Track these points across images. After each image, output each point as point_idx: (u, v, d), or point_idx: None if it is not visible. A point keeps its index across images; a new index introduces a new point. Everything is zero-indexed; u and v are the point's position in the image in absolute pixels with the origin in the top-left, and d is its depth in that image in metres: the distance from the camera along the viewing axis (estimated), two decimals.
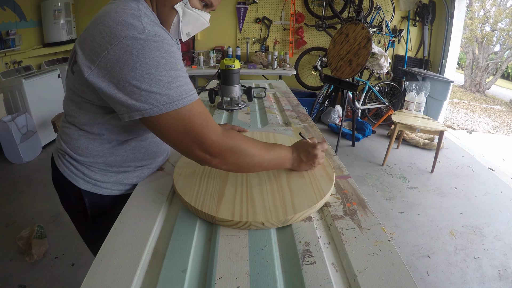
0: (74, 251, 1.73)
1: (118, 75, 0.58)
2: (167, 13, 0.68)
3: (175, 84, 0.59)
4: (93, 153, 0.75)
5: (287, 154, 0.76)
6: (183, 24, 0.70)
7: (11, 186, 2.44)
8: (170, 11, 0.68)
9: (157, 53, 0.58)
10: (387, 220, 2.12)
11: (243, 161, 0.67)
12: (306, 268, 0.53)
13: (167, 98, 0.58)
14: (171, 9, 0.67)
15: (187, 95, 0.61)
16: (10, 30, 3.08)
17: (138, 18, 0.60)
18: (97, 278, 0.51)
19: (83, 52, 0.61)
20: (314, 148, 0.77)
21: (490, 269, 1.72)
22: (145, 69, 0.57)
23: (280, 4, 3.93)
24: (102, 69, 0.59)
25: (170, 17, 0.68)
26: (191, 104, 0.61)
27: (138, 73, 0.57)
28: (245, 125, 1.22)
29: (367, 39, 2.75)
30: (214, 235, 0.62)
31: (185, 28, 0.71)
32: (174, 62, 0.61)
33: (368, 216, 0.66)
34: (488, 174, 2.89)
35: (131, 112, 0.60)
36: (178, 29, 0.70)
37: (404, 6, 3.96)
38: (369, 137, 3.63)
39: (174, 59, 0.61)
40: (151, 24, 0.61)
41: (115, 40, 0.57)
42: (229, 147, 0.64)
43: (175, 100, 0.59)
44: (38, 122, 2.97)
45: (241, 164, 0.67)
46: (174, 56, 0.61)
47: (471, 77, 7.90)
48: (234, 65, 1.33)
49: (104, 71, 0.59)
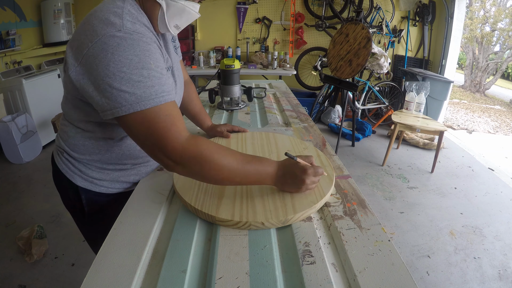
0: (74, 251, 1.73)
1: (94, 72, 0.58)
2: (150, 7, 0.67)
3: (146, 83, 0.58)
4: (89, 150, 0.76)
5: (270, 170, 0.66)
6: (168, 16, 0.68)
7: (11, 186, 2.44)
8: (153, 5, 0.67)
9: (131, 51, 0.58)
10: (387, 220, 2.12)
11: (209, 172, 0.61)
12: (306, 268, 0.53)
13: (135, 97, 0.58)
14: (154, 3, 0.67)
15: (156, 96, 0.59)
16: (10, 30, 3.08)
17: (120, 16, 0.60)
18: (97, 278, 0.51)
19: (71, 51, 0.62)
20: (304, 173, 0.66)
21: (490, 269, 1.72)
22: (118, 67, 0.57)
23: (280, 4, 3.93)
24: (83, 67, 0.60)
25: (155, 11, 0.68)
26: (159, 106, 0.59)
27: (111, 71, 0.57)
28: (245, 125, 1.22)
29: (367, 39, 2.75)
30: (214, 235, 0.62)
31: (172, 21, 0.70)
32: (148, 60, 0.60)
33: (368, 216, 0.66)
34: (488, 174, 2.89)
35: (103, 111, 0.60)
36: (165, 22, 0.69)
37: (404, 6, 3.96)
38: (369, 137, 3.63)
39: (149, 58, 0.60)
40: (132, 21, 0.61)
41: (95, 38, 0.58)
42: (192, 156, 0.60)
43: (142, 101, 0.58)
44: (38, 122, 2.97)
45: (207, 175, 0.62)
46: (149, 55, 0.61)
47: (471, 77, 7.90)
48: (234, 65, 1.33)
49: (84, 69, 0.60)
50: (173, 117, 0.60)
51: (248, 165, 0.64)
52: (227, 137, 1.02)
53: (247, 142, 1.00)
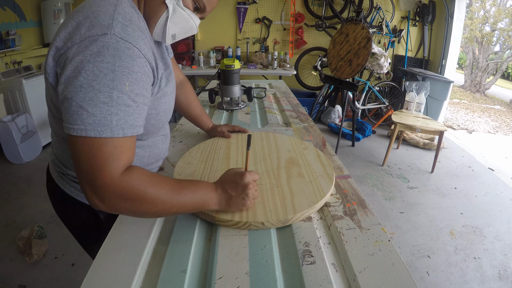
0: (74, 251, 1.73)
1: (64, 76, 0.51)
2: (155, 8, 0.62)
3: (110, 108, 0.50)
4: None
5: (207, 193, 0.60)
6: (171, 22, 0.63)
7: (11, 186, 2.44)
8: (159, 6, 0.61)
9: (109, 64, 0.50)
10: (387, 220, 2.12)
11: (140, 209, 0.53)
12: (306, 268, 0.53)
13: (92, 120, 0.49)
14: (161, 4, 0.61)
15: (116, 126, 0.51)
16: (10, 30, 3.08)
17: (111, 15, 0.53)
18: (97, 278, 0.51)
19: (50, 49, 0.55)
20: (242, 176, 0.62)
21: (490, 269, 1.72)
22: (88, 78, 0.49)
23: (280, 4, 3.93)
24: (59, 67, 0.53)
25: (158, 13, 0.62)
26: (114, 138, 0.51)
27: (80, 80, 0.50)
28: (245, 125, 1.22)
29: (367, 39, 2.75)
30: (214, 235, 0.62)
31: (172, 28, 0.64)
32: (123, 80, 0.51)
33: (368, 216, 0.66)
34: (488, 174, 2.89)
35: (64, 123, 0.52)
36: (164, 28, 0.63)
37: (404, 6, 3.96)
38: (369, 137, 3.63)
39: (125, 77, 0.52)
40: (125, 23, 0.54)
41: (77, 38, 0.52)
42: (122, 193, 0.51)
43: (99, 127, 0.49)
44: (38, 122, 2.97)
45: (137, 211, 0.54)
46: (128, 73, 0.52)
47: (471, 77, 7.90)
48: (234, 65, 1.33)
49: (59, 69, 0.53)
50: (121, 151, 0.52)
51: (184, 193, 0.57)
52: (228, 137, 1.02)
53: None
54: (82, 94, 0.49)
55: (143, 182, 0.53)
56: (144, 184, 0.53)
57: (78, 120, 0.49)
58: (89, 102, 0.49)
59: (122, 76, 0.51)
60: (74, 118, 0.50)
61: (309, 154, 0.90)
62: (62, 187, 0.74)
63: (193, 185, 0.60)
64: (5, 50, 3.04)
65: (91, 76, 0.50)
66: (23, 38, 3.24)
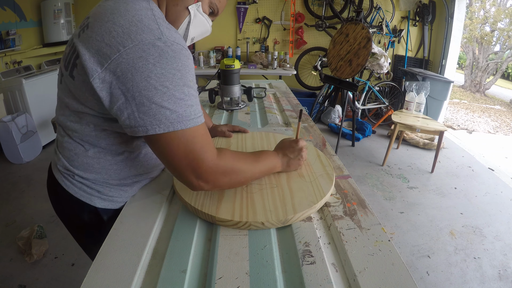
0: (74, 251, 1.73)
1: (129, 82, 0.52)
2: (178, 13, 0.65)
3: (186, 102, 0.55)
4: (105, 168, 0.69)
5: (274, 158, 0.76)
6: (192, 27, 0.68)
7: (11, 186, 2.44)
8: (182, 12, 0.65)
9: (174, 65, 0.54)
10: (387, 220, 2.12)
11: (235, 180, 0.65)
12: (306, 268, 0.53)
13: (176, 116, 0.54)
14: (184, 10, 0.65)
15: (195, 116, 0.57)
16: (10, 30, 3.08)
17: (154, 20, 0.55)
18: (97, 278, 0.51)
19: (89, 53, 0.54)
20: (298, 142, 0.78)
21: (490, 269, 1.72)
22: (160, 80, 0.53)
23: (280, 4, 3.93)
24: (110, 73, 0.53)
25: (181, 18, 0.66)
26: (197, 126, 0.57)
27: (152, 84, 0.52)
28: (245, 125, 1.22)
29: (367, 39, 2.75)
30: (214, 235, 0.62)
31: (193, 32, 0.69)
32: (188, 77, 0.57)
33: (368, 216, 0.66)
34: (488, 174, 2.89)
35: (134, 126, 0.55)
36: (186, 32, 0.68)
37: (404, 6, 3.96)
38: (369, 137, 3.63)
39: (189, 74, 0.57)
40: (168, 27, 0.56)
41: (129, 43, 0.52)
42: (222, 171, 0.61)
43: (184, 120, 0.55)
44: (38, 122, 2.97)
45: (233, 183, 0.66)
46: (188, 71, 0.57)
47: (471, 77, 7.90)
48: (234, 65, 1.33)
49: (113, 76, 0.53)
50: (207, 137, 0.59)
51: (261, 161, 0.71)
52: (229, 137, 1.03)
53: (247, 142, 1.00)
54: (159, 95, 0.53)
55: (234, 159, 0.65)
56: (235, 160, 0.65)
57: (163, 118, 0.54)
58: (168, 101, 0.54)
59: (186, 73, 0.57)
60: (158, 117, 0.54)
61: (309, 154, 0.90)
62: (66, 188, 0.73)
63: (263, 155, 0.74)
64: (5, 50, 3.03)
65: (162, 78, 0.53)
66: (23, 38, 3.23)
